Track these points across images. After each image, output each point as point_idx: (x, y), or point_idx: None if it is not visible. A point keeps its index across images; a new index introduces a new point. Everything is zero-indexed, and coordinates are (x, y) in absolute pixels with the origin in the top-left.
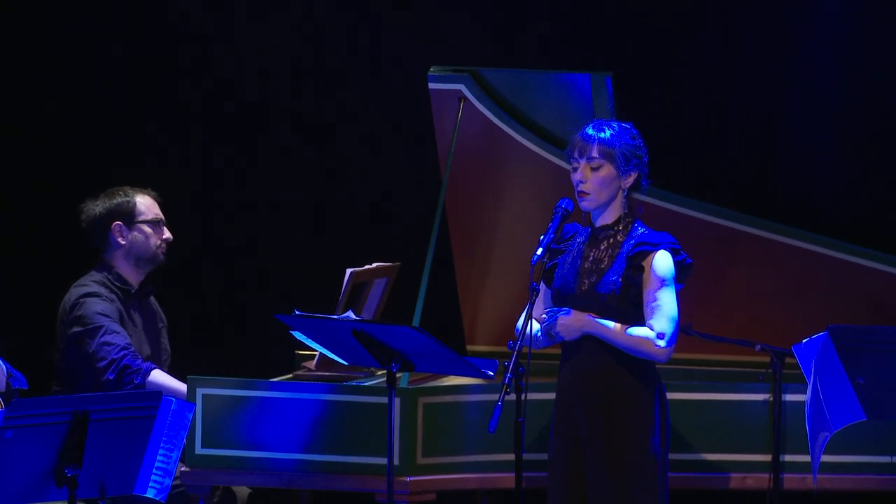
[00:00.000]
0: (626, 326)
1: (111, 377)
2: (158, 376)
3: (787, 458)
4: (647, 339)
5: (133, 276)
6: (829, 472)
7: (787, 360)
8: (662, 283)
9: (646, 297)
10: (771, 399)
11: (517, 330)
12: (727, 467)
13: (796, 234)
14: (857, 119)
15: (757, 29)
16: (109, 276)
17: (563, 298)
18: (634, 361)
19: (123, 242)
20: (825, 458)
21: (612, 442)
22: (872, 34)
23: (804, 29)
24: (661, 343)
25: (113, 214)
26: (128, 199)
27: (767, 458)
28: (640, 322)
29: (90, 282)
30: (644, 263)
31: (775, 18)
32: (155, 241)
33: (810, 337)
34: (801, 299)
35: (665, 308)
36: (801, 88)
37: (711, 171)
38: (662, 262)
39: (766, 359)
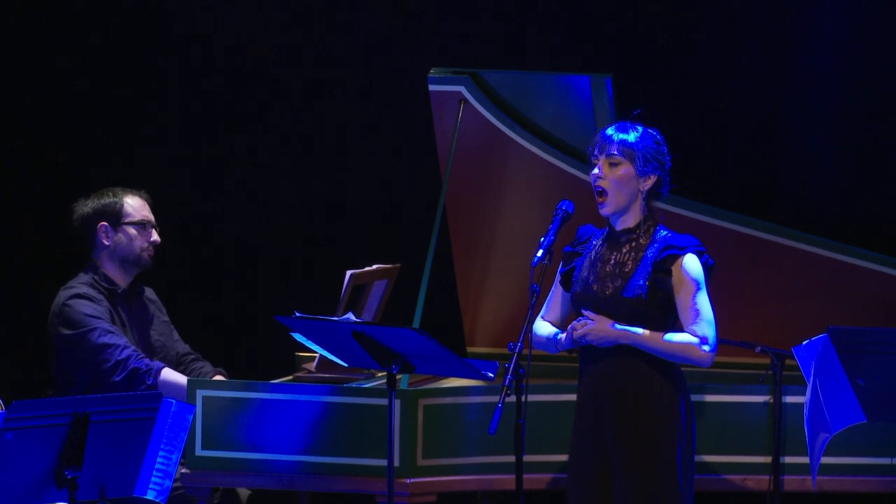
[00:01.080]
0: (662, 334)
1: (118, 378)
2: (168, 375)
3: (788, 459)
4: (691, 344)
5: (119, 277)
6: (828, 473)
7: (788, 361)
8: (696, 286)
9: (681, 303)
10: (771, 401)
11: (533, 334)
12: (727, 469)
13: (796, 236)
14: (857, 120)
15: (757, 30)
16: (96, 277)
17: (584, 302)
18: (664, 365)
19: (108, 243)
20: (825, 459)
21: (639, 443)
22: (872, 35)
23: (804, 30)
24: (706, 348)
25: (100, 214)
26: (116, 199)
27: (767, 459)
28: (667, 326)
29: (78, 284)
30: (672, 268)
31: (776, 20)
32: (140, 243)
33: (810, 338)
34: (801, 300)
35: (703, 312)
36: (801, 89)
37: (711, 173)
38: (692, 265)
39: (767, 360)
